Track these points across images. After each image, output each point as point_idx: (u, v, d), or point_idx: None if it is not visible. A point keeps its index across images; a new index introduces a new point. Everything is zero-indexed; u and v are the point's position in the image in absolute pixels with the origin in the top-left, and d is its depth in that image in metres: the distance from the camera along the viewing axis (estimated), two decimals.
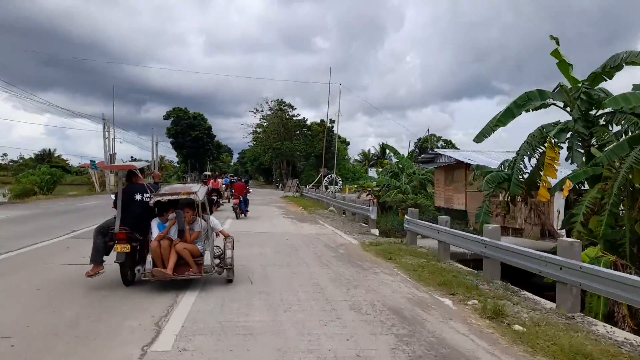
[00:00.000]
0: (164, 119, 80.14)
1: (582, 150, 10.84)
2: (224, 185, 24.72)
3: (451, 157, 24.67)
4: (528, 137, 11.74)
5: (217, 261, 6.71)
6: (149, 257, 6.18)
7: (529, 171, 11.85)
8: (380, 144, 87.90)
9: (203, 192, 6.91)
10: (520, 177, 11.56)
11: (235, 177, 55.99)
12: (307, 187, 43.38)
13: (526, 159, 11.68)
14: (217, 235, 7.10)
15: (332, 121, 66.18)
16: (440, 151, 26.44)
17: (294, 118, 63.41)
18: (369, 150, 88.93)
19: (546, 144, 10.90)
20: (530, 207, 11.98)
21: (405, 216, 11.93)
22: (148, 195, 6.53)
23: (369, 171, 64.53)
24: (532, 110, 11.85)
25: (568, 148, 10.99)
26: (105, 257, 6.34)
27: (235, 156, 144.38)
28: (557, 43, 10.95)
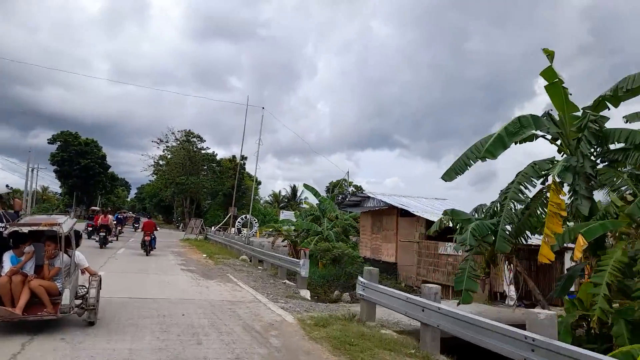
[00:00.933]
0: (49, 143, 69.49)
1: (588, 196, 8.34)
2: (114, 222, 23.16)
3: (381, 201, 22.06)
4: (517, 176, 9.07)
5: (79, 301, 6.18)
6: None
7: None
8: (292, 185, 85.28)
9: (70, 224, 6.42)
10: (509, 229, 8.73)
11: (126, 214, 48.77)
12: (213, 228, 38.31)
13: (513, 206, 8.95)
14: (83, 273, 6.65)
15: (243, 158, 62.23)
16: (369, 193, 23.79)
17: (202, 151, 58.19)
18: (279, 192, 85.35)
19: (545, 187, 8.28)
20: (516, 270, 9.15)
21: (360, 278, 8.44)
22: (2, 225, 6.00)
23: (280, 214, 60.79)
24: (520, 142, 9.31)
25: (571, 193, 8.46)
26: None
27: (134, 192, 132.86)
28: (551, 59, 8.59)
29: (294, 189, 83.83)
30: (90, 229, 23.07)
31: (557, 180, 8.09)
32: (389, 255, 22.06)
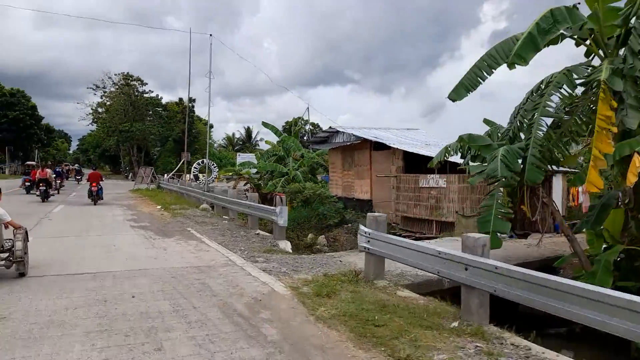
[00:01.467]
0: None
1: (637, 106, 6.70)
2: (54, 175, 22.65)
3: (352, 135, 20.17)
4: (548, 85, 7.29)
5: (5, 255, 6.22)
6: None
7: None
8: (246, 127, 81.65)
9: None
10: (539, 153, 7.05)
11: (68, 167, 46.46)
12: (166, 176, 35.41)
13: (544, 123, 7.23)
14: (6, 227, 6.44)
15: (192, 100, 57.75)
16: (339, 127, 21.76)
17: (145, 95, 53.30)
18: (232, 135, 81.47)
19: (593, 96, 6.58)
20: (542, 202, 7.60)
21: (361, 227, 6.60)
22: None
23: (238, 157, 57.96)
24: (548, 45, 7.43)
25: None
26: None
27: (75, 143, 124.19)
28: None
29: (248, 131, 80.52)
30: (28, 184, 22.66)
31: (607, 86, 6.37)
32: (362, 192, 20.58)
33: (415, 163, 17.64)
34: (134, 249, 8.76)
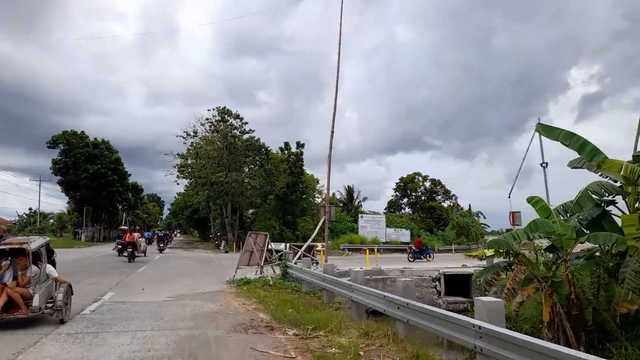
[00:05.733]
0: (49, 147, 54.26)
1: None
2: (142, 239, 27.01)
3: None
4: None
5: (50, 304, 7.34)
6: None
7: None
8: (347, 186, 66.87)
9: (38, 243, 7.62)
10: None
11: (162, 232, 43.63)
12: (285, 249, 20.53)
13: None
14: (57, 281, 7.81)
15: (300, 145, 44.54)
16: None
17: (245, 135, 40.75)
18: (333, 195, 66.22)
19: None
20: None
21: None
22: None
23: (360, 219, 42.70)
24: None
25: None
26: None
27: (168, 207, 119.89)
28: None
29: (349, 191, 65.78)
30: (119, 247, 24.82)
31: None
32: None
33: None
34: None
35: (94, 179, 53.37)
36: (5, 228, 10.99)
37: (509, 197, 19.42)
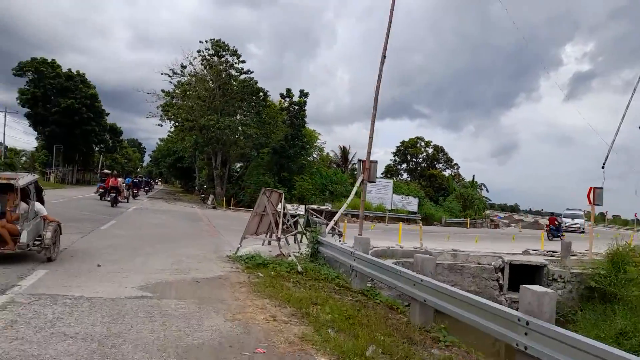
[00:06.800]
0: (14, 75, 47.49)
1: None
2: (124, 185, 25.70)
3: None
4: None
5: (38, 241, 7.31)
6: None
7: None
8: (341, 146, 62.10)
9: (27, 180, 7.55)
10: None
11: (142, 179, 45.71)
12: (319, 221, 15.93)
13: None
14: (45, 219, 7.71)
15: (304, 94, 39.24)
16: None
17: (242, 75, 35.19)
18: (326, 154, 61.18)
19: None
20: None
21: None
22: None
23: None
24: None
25: None
26: None
27: (149, 154, 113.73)
28: None
29: (344, 151, 61.23)
30: (102, 190, 24.21)
31: None
32: None
33: None
34: None
35: (66, 114, 47.45)
36: None
37: (603, 167, 15.14)
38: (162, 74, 34.09)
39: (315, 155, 50.42)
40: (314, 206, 19.24)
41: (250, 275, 7.72)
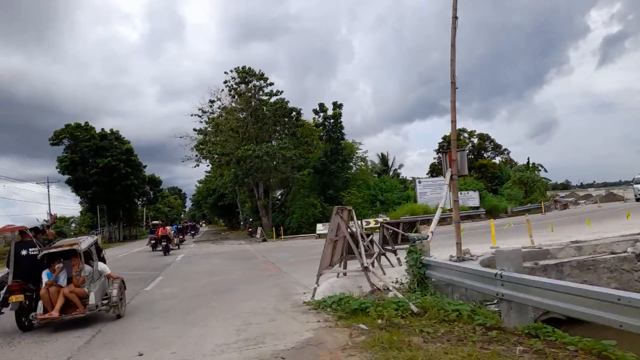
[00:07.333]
0: (52, 144, 48.25)
1: None
2: (172, 232, 25.80)
3: None
4: None
5: (106, 301, 7.35)
6: (40, 303, 6.88)
7: None
8: (380, 154, 59.43)
9: (87, 243, 7.67)
10: None
11: (187, 224, 48.41)
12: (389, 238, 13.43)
13: None
14: (109, 278, 7.84)
15: (338, 106, 37.18)
16: None
17: (272, 98, 33.50)
18: (371, 162, 58.72)
19: None
20: None
21: None
22: (35, 250, 7.40)
23: (417, 185, 35.61)
24: None
25: None
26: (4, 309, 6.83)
27: (189, 198, 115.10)
28: None
29: (383, 158, 58.67)
30: (153, 242, 24.42)
31: None
32: None
33: None
34: None
35: (104, 173, 47.46)
36: (54, 233, 9.45)
37: None
38: (192, 115, 33.10)
39: (360, 164, 47.92)
40: (388, 220, 16.84)
41: (350, 331, 5.38)
